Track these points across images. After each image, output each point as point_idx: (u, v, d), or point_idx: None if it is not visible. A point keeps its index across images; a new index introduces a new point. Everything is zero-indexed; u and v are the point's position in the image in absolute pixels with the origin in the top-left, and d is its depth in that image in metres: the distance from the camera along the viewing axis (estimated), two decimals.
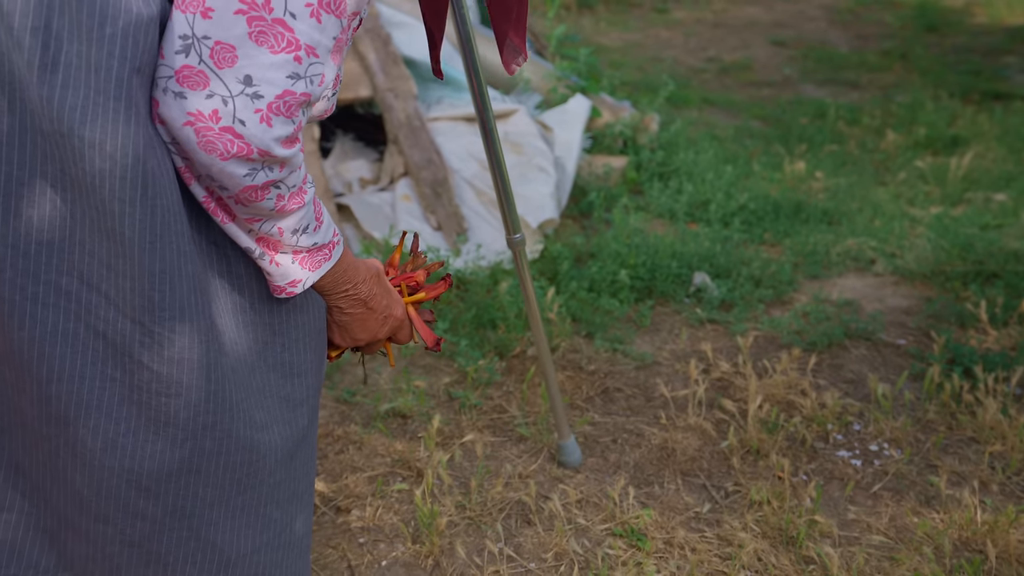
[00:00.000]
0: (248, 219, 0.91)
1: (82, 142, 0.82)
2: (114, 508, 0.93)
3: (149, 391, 0.91)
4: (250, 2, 0.82)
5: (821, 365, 2.24)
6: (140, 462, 0.92)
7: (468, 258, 2.58)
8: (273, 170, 0.87)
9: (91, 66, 0.82)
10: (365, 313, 1.09)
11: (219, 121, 0.83)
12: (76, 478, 0.92)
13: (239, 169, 0.85)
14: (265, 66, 0.83)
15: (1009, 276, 2.62)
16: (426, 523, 1.61)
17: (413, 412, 1.99)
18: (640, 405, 2.07)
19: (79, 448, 0.90)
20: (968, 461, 1.89)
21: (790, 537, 1.65)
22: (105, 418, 0.90)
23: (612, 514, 1.70)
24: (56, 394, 0.88)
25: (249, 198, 0.88)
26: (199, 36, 0.82)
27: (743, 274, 2.64)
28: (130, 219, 0.85)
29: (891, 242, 2.93)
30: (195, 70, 0.83)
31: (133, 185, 0.84)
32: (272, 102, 0.84)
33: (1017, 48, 6.34)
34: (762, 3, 7.86)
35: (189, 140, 0.84)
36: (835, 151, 4.10)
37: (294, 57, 0.84)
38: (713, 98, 5.04)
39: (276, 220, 0.92)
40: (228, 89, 0.83)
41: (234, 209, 0.91)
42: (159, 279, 0.88)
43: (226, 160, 0.84)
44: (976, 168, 3.80)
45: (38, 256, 0.85)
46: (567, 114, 3.15)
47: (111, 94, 0.82)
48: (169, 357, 0.90)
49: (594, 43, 6.01)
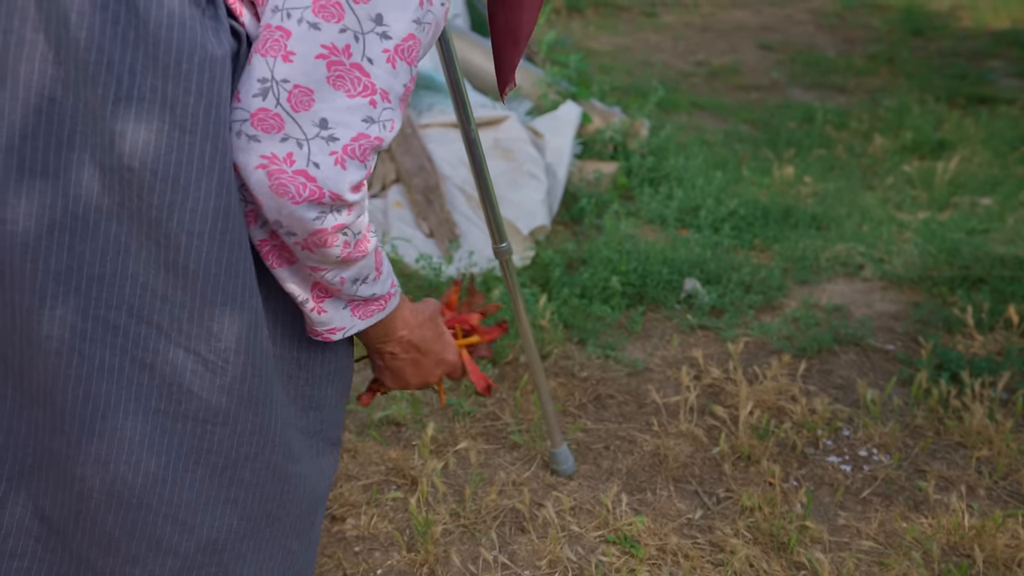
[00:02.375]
0: (312, 267, 0.91)
1: (154, 176, 0.82)
2: (146, 547, 0.92)
3: (196, 419, 0.90)
4: (331, 47, 0.83)
5: (811, 371, 2.27)
6: (179, 493, 0.92)
7: (460, 264, 2.59)
8: (342, 213, 0.87)
9: (166, 101, 0.82)
10: (418, 358, 1.09)
11: (293, 164, 0.83)
12: (108, 519, 0.90)
13: (310, 213, 0.85)
14: (341, 109, 0.84)
15: (995, 281, 2.65)
16: (421, 531, 1.62)
17: (407, 420, 2.00)
18: (632, 412, 2.09)
19: (118, 486, 0.89)
20: (956, 466, 1.92)
21: (781, 543, 1.67)
22: (147, 452, 0.89)
23: (605, 521, 1.72)
24: (100, 432, 0.87)
25: (317, 243, 0.88)
26: (278, 79, 0.83)
27: (733, 280, 2.66)
28: (196, 252, 0.85)
29: (879, 247, 2.96)
30: (271, 113, 0.83)
31: (203, 218, 0.84)
32: (347, 144, 0.84)
33: (1002, 52, 6.40)
34: (750, 7, 7.90)
35: (260, 184, 0.84)
36: (823, 155, 4.14)
37: (370, 101, 0.84)
38: (702, 102, 5.07)
39: (340, 269, 0.92)
40: (303, 132, 0.83)
41: (299, 256, 0.90)
42: (219, 310, 0.88)
43: (298, 204, 0.84)
44: (962, 172, 3.84)
45: (88, 291, 0.84)
46: (558, 120, 3.17)
47: (186, 128, 0.82)
48: (220, 386, 0.90)
49: (584, 47, 6.03)
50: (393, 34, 0.85)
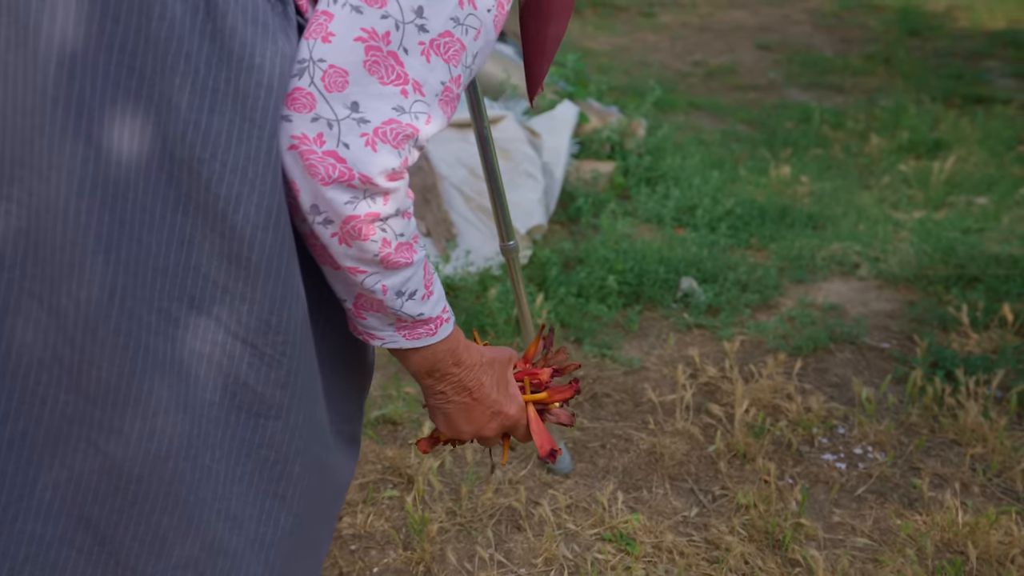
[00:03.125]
0: (351, 268, 0.88)
1: (223, 167, 0.83)
2: (199, 548, 0.91)
3: (249, 412, 0.90)
4: (371, 31, 0.83)
5: (806, 369, 2.27)
6: (231, 487, 0.91)
7: (457, 264, 2.60)
8: (376, 201, 0.85)
9: (238, 94, 0.83)
10: (470, 404, 1.02)
11: (323, 145, 0.83)
12: (163, 520, 0.89)
13: (341, 195, 0.83)
14: (373, 95, 0.84)
15: (990, 280, 2.66)
16: (417, 529, 1.62)
17: (403, 419, 2.00)
18: (628, 410, 2.10)
19: (175, 485, 0.88)
20: (950, 463, 1.93)
21: (776, 540, 1.68)
22: (203, 446, 0.89)
23: (601, 519, 1.72)
24: (161, 429, 0.86)
25: (353, 233, 0.85)
26: (315, 59, 0.83)
27: (729, 279, 2.67)
28: (260, 244, 0.85)
29: (875, 246, 2.96)
30: (304, 92, 0.83)
31: (268, 213, 0.85)
32: (379, 127, 0.84)
33: (998, 52, 6.42)
34: (747, 7, 7.92)
35: (293, 164, 0.84)
36: (820, 155, 4.15)
37: (401, 91, 0.84)
38: (699, 102, 5.08)
39: (380, 275, 0.89)
40: (334, 113, 0.83)
41: (337, 253, 0.88)
42: (279, 303, 0.88)
43: (327, 185, 0.83)
44: (958, 172, 3.85)
45: (154, 284, 0.84)
46: (555, 120, 3.18)
47: (256, 122, 0.83)
48: (275, 379, 0.90)
49: (581, 47, 6.04)
50: (430, 28, 0.86)
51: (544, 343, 1.13)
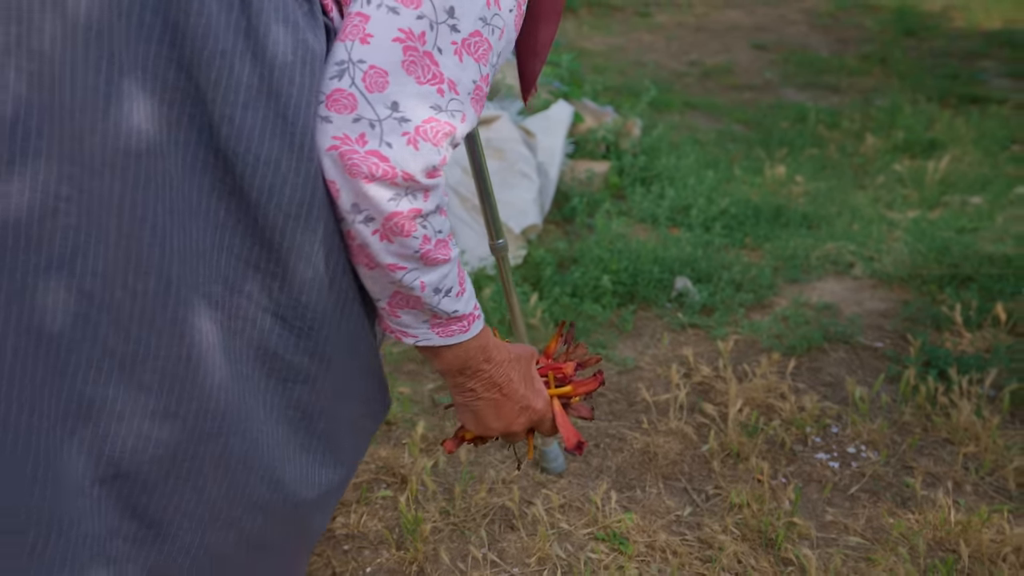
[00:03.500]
0: (391, 265, 0.90)
1: (257, 160, 0.85)
2: (243, 510, 0.95)
3: (279, 379, 0.94)
4: (408, 32, 0.84)
5: (800, 368, 2.28)
6: (270, 451, 0.95)
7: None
8: (417, 198, 0.86)
9: (271, 90, 0.84)
10: (500, 400, 1.04)
11: (365, 144, 0.84)
12: (213, 491, 0.93)
13: (384, 192, 0.85)
14: (411, 95, 0.85)
15: (983, 279, 2.67)
16: (410, 529, 1.63)
17: (397, 419, 2.01)
18: (622, 410, 2.10)
19: (224, 458, 0.91)
20: (943, 462, 1.93)
21: (769, 539, 1.68)
22: (248, 419, 0.92)
23: (594, 518, 1.72)
24: (214, 409, 0.89)
25: (395, 229, 0.87)
26: (355, 60, 0.84)
27: (724, 278, 2.67)
28: (291, 232, 0.88)
29: (869, 246, 2.97)
30: (345, 93, 0.84)
31: (300, 203, 0.87)
32: (419, 126, 0.85)
33: (993, 52, 6.43)
34: (743, 7, 7.92)
35: (333, 165, 0.85)
36: (815, 155, 4.15)
37: (437, 90, 0.86)
38: (695, 102, 5.08)
39: (420, 271, 0.90)
40: (376, 113, 0.84)
41: (378, 250, 0.89)
42: (308, 286, 0.91)
43: (370, 183, 0.84)
44: (953, 172, 3.86)
45: (197, 268, 0.86)
46: (549, 120, 3.18)
47: (288, 118, 0.85)
48: (305, 349, 0.94)
49: (577, 47, 6.05)
50: (462, 28, 0.87)
51: (565, 339, 1.15)
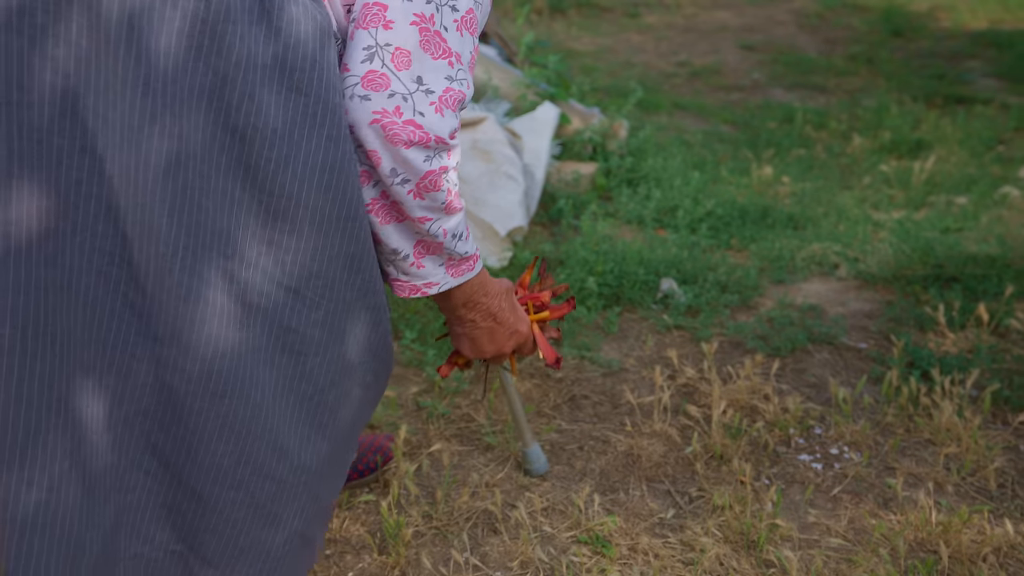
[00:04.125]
0: (421, 218, 1.04)
1: (274, 133, 0.94)
2: (250, 473, 1.04)
3: (291, 351, 1.03)
4: (420, 15, 0.98)
5: (784, 370, 2.28)
6: (278, 422, 1.04)
7: None
8: (443, 157, 1.01)
9: (285, 66, 0.94)
10: (494, 327, 1.22)
11: (402, 116, 0.97)
12: (219, 448, 1.02)
13: (419, 155, 0.99)
14: (430, 69, 0.99)
15: (967, 280, 2.68)
16: (392, 534, 1.62)
17: (380, 422, 2.00)
18: (607, 412, 2.10)
19: (229, 419, 1.00)
20: (924, 463, 1.94)
21: (751, 541, 1.68)
22: (253, 387, 1.01)
23: (577, 521, 1.73)
24: (218, 370, 0.97)
25: (429, 186, 1.01)
26: (381, 44, 0.97)
27: (710, 280, 2.67)
28: (306, 199, 0.97)
29: (854, 247, 2.98)
30: (378, 74, 0.97)
31: (313, 170, 0.97)
32: (441, 95, 0.99)
33: (979, 52, 6.45)
34: (732, 7, 7.94)
35: (376, 136, 0.97)
36: (802, 155, 4.16)
37: (448, 63, 1.00)
38: (683, 102, 5.09)
39: (443, 220, 1.06)
40: (406, 88, 0.97)
41: (411, 207, 1.03)
42: (320, 251, 1.01)
43: (408, 148, 0.98)
44: (939, 172, 3.87)
45: (211, 243, 0.95)
46: (535, 121, 3.18)
47: (301, 91, 0.95)
48: (315, 319, 1.03)
49: (566, 48, 6.05)
50: (459, 7, 1.02)
51: (538, 272, 1.34)
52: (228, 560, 1.07)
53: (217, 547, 1.06)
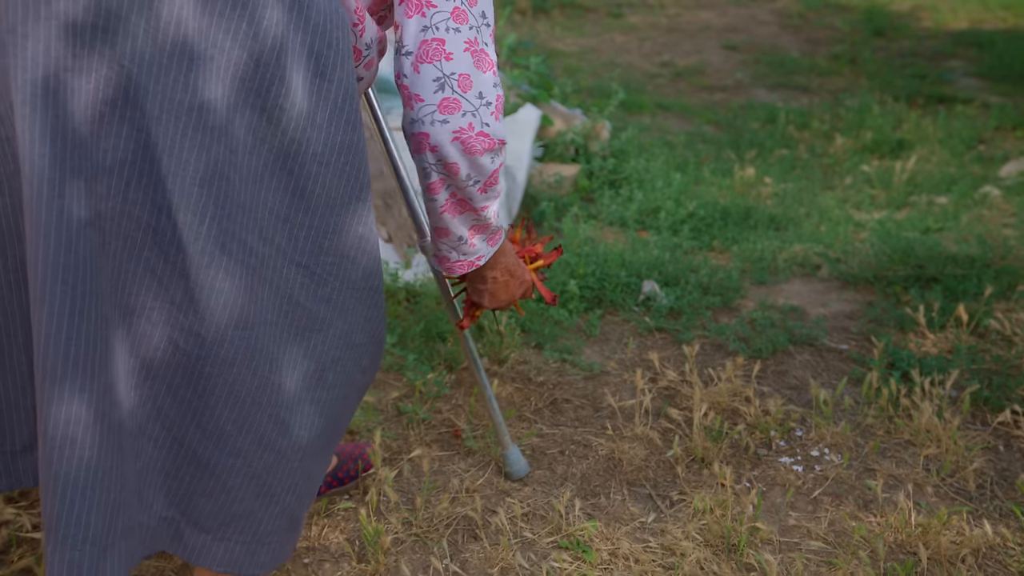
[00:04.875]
0: (483, 207, 1.19)
1: (300, 115, 1.02)
2: (250, 442, 1.09)
3: (298, 328, 1.09)
4: (471, 41, 1.11)
5: (766, 371, 2.28)
6: (282, 395, 1.09)
7: (418, 270, 2.58)
8: (500, 155, 1.16)
9: (312, 53, 1.02)
10: (508, 280, 1.39)
11: (474, 130, 1.11)
12: (224, 414, 1.07)
13: (488, 159, 1.14)
14: (482, 83, 1.12)
15: (947, 280, 2.69)
16: (371, 541, 1.61)
17: (360, 428, 1.99)
18: (588, 416, 2.09)
19: (236, 387, 1.06)
20: (904, 464, 1.94)
21: (732, 545, 1.68)
22: (261, 358, 1.07)
23: (558, 527, 1.72)
24: (230, 339, 1.03)
25: (492, 181, 1.17)
26: (447, 74, 1.10)
27: (691, 282, 2.67)
28: (322, 178, 1.05)
29: (836, 247, 2.99)
30: (451, 99, 1.10)
31: (331, 150, 1.05)
32: (496, 103, 1.13)
33: (960, 52, 6.49)
34: (715, 8, 7.96)
35: (456, 151, 1.11)
36: (785, 156, 4.17)
37: (492, 72, 1.13)
38: (667, 103, 5.10)
39: (494, 203, 1.21)
40: (473, 106, 1.11)
41: (478, 199, 1.18)
42: (332, 229, 1.08)
43: (482, 155, 1.13)
44: (920, 172, 3.89)
45: (234, 216, 1.01)
46: (517, 123, 3.17)
47: (325, 76, 1.03)
48: (322, 295, 1.10)
49: (549, 48, 6.05)
50: (490, 22, 1.15)
51: (526, 228, 1.58)
52: (219, 526, 1.12)
53: (211, 512, 1.11)
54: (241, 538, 1.15)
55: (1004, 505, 1.82)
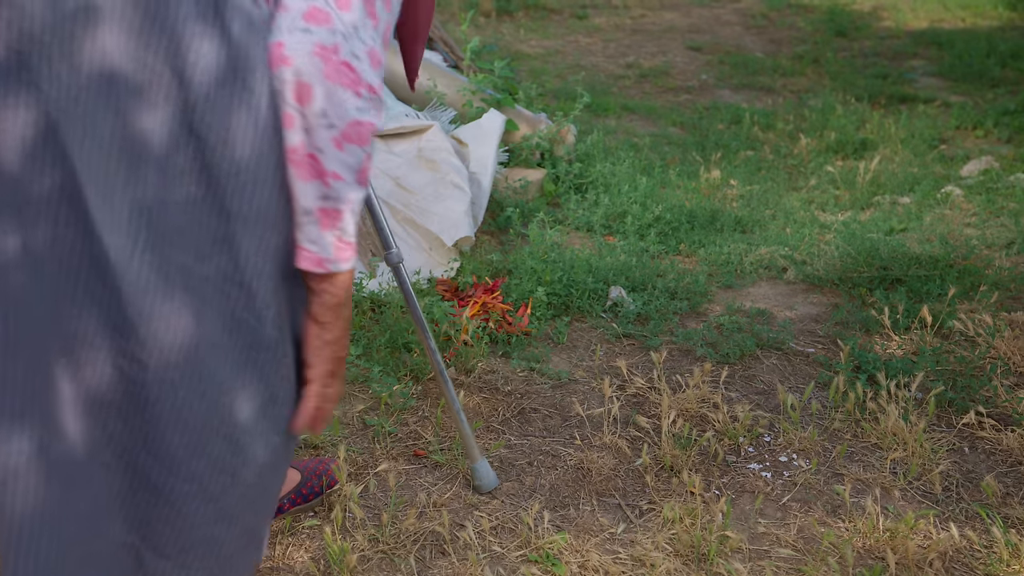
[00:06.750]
0: (335, 174, 1.01)
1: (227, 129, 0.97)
2: (204, 465, 1.06)
3: (245, 347, 1.05)
4: None
5: (733, 376, 2.28)
6: (232, 416, 1.06)
7: (383, 279, 2.55)
8: (371, 114, 0.99)
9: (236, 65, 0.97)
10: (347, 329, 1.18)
11: (338, 54, 0.96)
12: (174, 439, 1.04)
13: (352, 100, 0.97)
14: (364, 25, 0.99)
15: (911, 281, 2.71)
16: (336, 560, 1.58)
17: (325, 443, 1.96)
18: (556, 425, 2.08)
19: (184, 412, 1.03)
20: (872, 468, 1.95)
21: (702, 554, 1.67)
22: (209, 381, 1.04)
23: (527, 540, 1.70)
24: (175, 363, 1.01)
25: (353, 136, 0.99)
26: None
27: (658, 287, 2.67)
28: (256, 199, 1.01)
29: (801, 250, 3.00)
30: (321, 10, 0.96)
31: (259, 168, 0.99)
32: (372, 49, 0.99)
33: (921, 52, 6.58)
34: (679, 9, 7.99)
35: (315, 68, 0.96)
36: (750, 157, 4.19)
37: (373, 24, 1.00)
38: (632, 105, 5.10)
39: (351, 188, 1.03)
40: (346, 29, 0.97)
41: (329, 157, 0.99)
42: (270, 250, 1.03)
43: (345, 88, 0.96)
44: (883, 171, 3.92)
45: (172, 240, 0.98)
46: (482, 129, 3.15)
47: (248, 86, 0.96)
48: (266, 317, 1.06)
49: (514, 51, 6.03)
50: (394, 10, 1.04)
51: None
52: (180, 552, 1.10)
53: (171, 538, 1.08)
54: (203, 564, 1.13)
55: (970, 507, 1.83)
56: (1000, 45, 6.44)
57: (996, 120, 4.79)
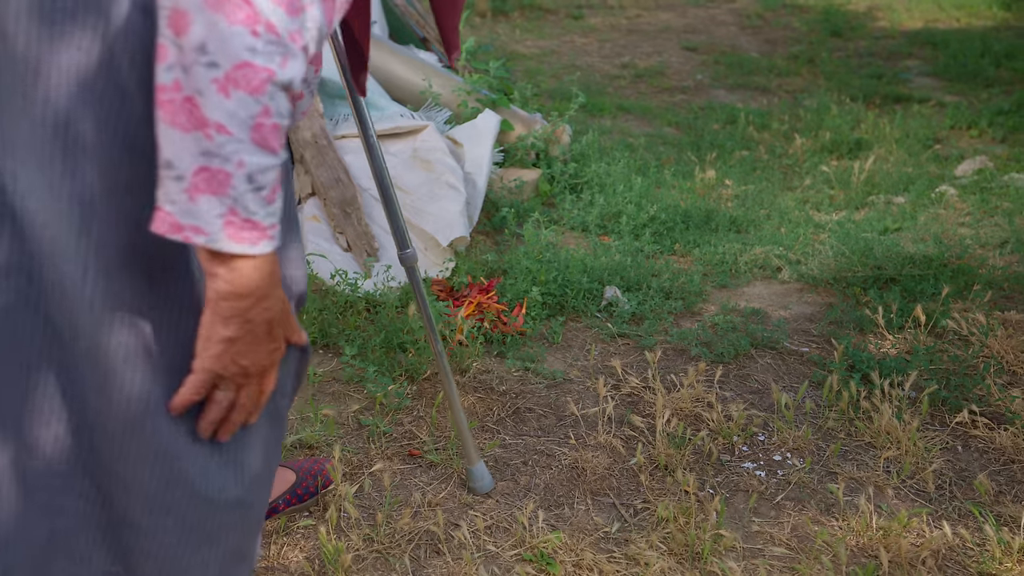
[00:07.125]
0: (219, 126, 0.82)
1: None
2: (179, 495, 1.02)
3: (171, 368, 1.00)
4: None
5: (728, 376, 2.29)
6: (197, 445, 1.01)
7: (378, 280, 2.55)
8: (274, 60, 0.81)
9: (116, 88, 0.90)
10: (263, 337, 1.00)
11: None
12: (145, 473, 1.00)
13: (243, 38, 0.80)
14: None
15: (905, 280, 2.72)
16: (331, 560, 1.58)
17: (320, 443, 1.96)
18: (551, 425, 2.08)
19: (151, 444, 0.99)
20: (865, 467, 1.95)
21: (696, 553, 1.67)
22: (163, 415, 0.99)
23: (522, 539, 1.70)
24: (138, 397, 0.96)
25: (241, 81, 0.81)
26: None
27: (653, 286, 2.67)
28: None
29: (796, 249, 3.00)
30: None
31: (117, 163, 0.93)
32: None
33: (916, 52, 6.59)
34: (674, 9, 8.00)
35: None
36: (745, 157, 4.20)
37: None
38: (627, 105, 5.10)
39: (244, 147, 0.83)
40: None
41: (210, 104, 0.81)
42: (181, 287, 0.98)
43: (233, 24, 0.79)
44: (878, 171, 3.93)
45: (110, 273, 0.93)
46: (476, 129, 3.15)
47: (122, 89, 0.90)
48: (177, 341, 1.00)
49: (510, 51, 6.03)
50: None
51: None
52: None
53: (154, 570, 1.05)
54: None
55: (963, 506, 1.84)
56: (995, 45, 6.45)
57: (990, 120, 4.80)
